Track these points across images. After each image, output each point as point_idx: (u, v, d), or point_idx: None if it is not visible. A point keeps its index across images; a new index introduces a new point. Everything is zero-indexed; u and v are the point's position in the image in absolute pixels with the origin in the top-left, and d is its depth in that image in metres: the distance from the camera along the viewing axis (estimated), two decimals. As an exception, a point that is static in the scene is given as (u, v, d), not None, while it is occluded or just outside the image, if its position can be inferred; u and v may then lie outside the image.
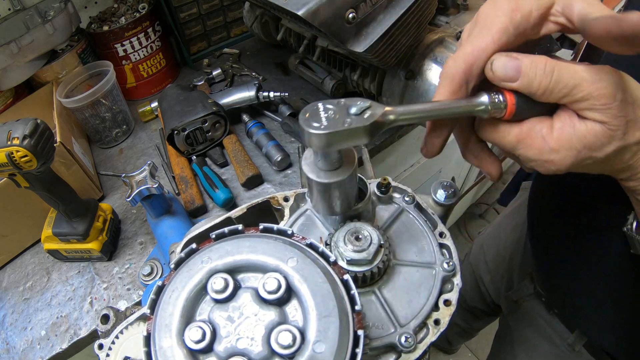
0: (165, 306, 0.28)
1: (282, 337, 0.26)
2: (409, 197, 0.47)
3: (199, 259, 0.30)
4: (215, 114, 0.88)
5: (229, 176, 0.90)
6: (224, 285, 0.28)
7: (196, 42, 1.19)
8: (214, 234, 0.33)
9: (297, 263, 0.29)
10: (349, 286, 0.30)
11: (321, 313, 0.27)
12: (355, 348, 0.28)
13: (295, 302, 0.29)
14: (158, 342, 0.27)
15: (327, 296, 0.28)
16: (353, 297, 0.30)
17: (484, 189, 2.22)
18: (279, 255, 0.30)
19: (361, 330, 0.28)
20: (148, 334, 0.28)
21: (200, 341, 0.26)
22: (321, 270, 0.30)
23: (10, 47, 0.85)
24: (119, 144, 1.02)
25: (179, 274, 0.30)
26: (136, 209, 0.86)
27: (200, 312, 0.29)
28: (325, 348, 0.26)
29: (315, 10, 0.61)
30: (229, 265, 0.30)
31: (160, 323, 0.28)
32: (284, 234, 0.33)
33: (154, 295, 0.30)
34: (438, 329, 0.40)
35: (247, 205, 0.49)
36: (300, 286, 0.28)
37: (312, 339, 0.26)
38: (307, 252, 0.31)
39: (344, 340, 0.27)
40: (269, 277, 0.28)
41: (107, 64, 0.96)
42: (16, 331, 0.71)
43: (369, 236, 0.40)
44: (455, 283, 0.42)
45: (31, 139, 0.59)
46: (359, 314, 0.29)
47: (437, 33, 0.78)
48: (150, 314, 0.29)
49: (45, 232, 0.75)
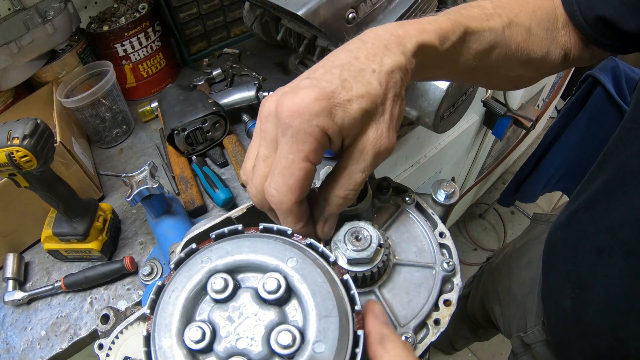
0: (165, 306, 0.28)
1: (282, 337, 0.26)
2: (409, 197, 0.47)
3: (199, 259, 0.30)
4: (215, 114, 0.88)
5: (229, 176, 0.90)
6: (224, 285, 0.28)
7: (196, 42, 1.19)
8: (213, 234, 0.33)
9: (297, 263, 0.29)
10: (348, 286, 0.30)
11: (321, 313, 0.27)
12: (355, 348, 0.28)
13: (295, 302, 0.29)
14: (158, 342, 0.27)
15: (327, 296, 0.28)
16: (353, 297, 0.30)
17: (484, 189, 2.22)
18: (279, 255, 0.30)
19: (361, 331, 0.28)
20: (148, 334, 0.28)
21: (200, 341, 0.26)
22: (321, 270, 0.30)
23: (10, 47, 0.85)
24: (119, 144, 1.02)
25: (179, 274, 0.30)
26: (136, 209, 0.86)
27: (200, 312, 0.29)
28: (325, 348, 0.26)
29: (315, 10, 0.61)
30: (229, 265, 0.30)
31: (160, 323, 0.28)
32: (283, 234, 0.33)
33: (153, 295, 0.30)
34: (438, 329, 0.40)
35: (247, 205, 0.49)
36: (300, 286, 0.28)
37: (311, 339, 0.26)
38: (307, 252, 0.31)
39: (344, 340, 0.27)
40: (269, 277, 0.28)
41: (107, 64, 0.96)
42: (16, 331, 0.71)
43: (369, 236, 0.40)
44: (455, 283, 0.42)
45: (31, 139, 0.59)
46: (358, 313, 0.29)
47: (437, 33, 0.78)
48: (150, 314, 0.29)
49: (45, 232, 0.75)
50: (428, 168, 1.31)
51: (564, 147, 1.26)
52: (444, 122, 0.82)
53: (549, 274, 0.67)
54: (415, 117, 0.85)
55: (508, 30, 0.46)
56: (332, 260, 0.31)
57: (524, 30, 0.47)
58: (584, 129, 1.18)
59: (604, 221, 0.52)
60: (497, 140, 1.65)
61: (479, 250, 2.13)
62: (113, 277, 0.74)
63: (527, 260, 0.86)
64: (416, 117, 0.85)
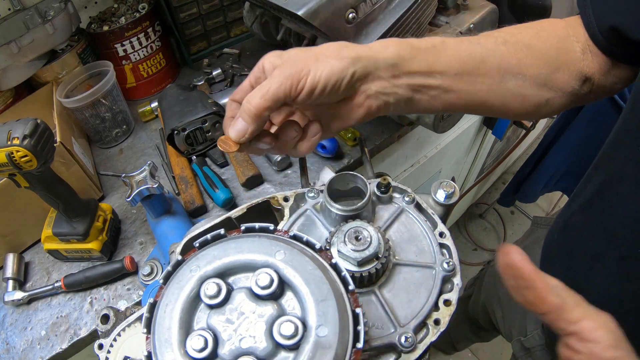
0: (161, 321, 0.28)
1: (284, 328, 0.26)
2: (409, 197, 0.47)
3: (187, 268, 0.30)
4: (215, 114, 0.88)
5: (229, 176, 0.90)
6: (217, 289, 0.28)
7: (196, 42, 1.19)
8: (197, 243, 0.32)
9: (285, 255, 0.30)
10: (338, 269, 0.31)
11: (317, 298, 0.28)
12: (356, 326, 0.28)
13: (289, 293, 0.29)
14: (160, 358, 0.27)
15: (320, 281, 0.28)
16: (344, 278, 0.30)
17: (484, 189, 2.22)
18: (266, 250, 0.30)
19: (359, 309, 0.28)
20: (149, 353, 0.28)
21: (204, 349, 0.26)
22: (309, 258, 0.30)
23: (10, 47, 0.85)
24: (119, 144, 1.02)
25: (170, 287, 0.30)
26: (136, 209, 0.86)
27: (197, 320, 0.29)
28: (328, 331, 0.26)
29: (315, 10, 0.61)
30: (219, 269, 0.30)
31: (159, 339, 0.27)
32: (266, 231, 0.33)
33: (147, 314, 0.29)
34: (438, 329, 0.40)
35: (247, 205, 0.49)
36: (292, 277, 0.29)
37: (313, 324, 0.27)
38: (292, 244, 0.31)
39: (345, 320, 0.27)
40: (260, 273, 0.28)
41: (107, 64, 0.96)
42: (16, 331, 0.71)
43: (369, 236, 0.40)
44: (455, 283, 0.42)
45: (31, 139, 0.59)
46: (353, 293, 0.29)
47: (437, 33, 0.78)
48: (148, 333, 0.28)
49: (45, 232, 0.75)
50: (428, 168, 1.31)
51: (564, 147, 1.26)
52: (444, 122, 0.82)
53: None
54: (415, 117, 0.85)
55: (504, 46, 0.47)
56: (317, 248, 0.31)
57: (523, 46, 0.48)
58: (584, 129, 1.18)
59: (599, 224, 0.51)
60: (497, 140, 1.65)
61: (479, 250, 2.13)
62: (113, 277, 0.74)
63: None
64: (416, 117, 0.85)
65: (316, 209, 0.47)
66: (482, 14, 0.86)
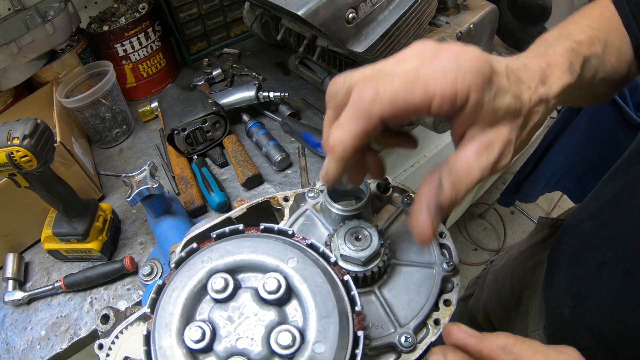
0: (165, 305, 0.28)
1: (282, 337, 0.26)
2: (408, 197, 0.47)
3: (200, 258, 0.30)
4: (215, 114, 0.88)
5: (229, 176, 0.90)
6: (224, 285, 0.28)
7: (196, 42, 1.19)
8: (214, 234, 0.33)
9: (297, 263, 0.29)
10: (349, 287, 0.30)
11: (321, 313, 0.27)
12: (355, 349, 0.28)
13: (295, 302, 0.29)
14: (158, 342, 0.27)
15: (327, 296, 0.28)
16: (353, 297, 0.30)
17: (484, 189, 2.22)
18: (279, 255, 0.30)
19: (361, 331, 0.28)
20: (148, 333, 0.28)
21: (200, 341, 0.26)
22: (321, 270, 0.30)
23: (10, 47, 0.85)
24: (119, 144, 1.02)
25: (180, 274, 0.30)
26: (136, 209, 0.86)
27: (200, 311, 0.29)
28: (324, 348, 0.26)
29: (315, 10, 0.61)
30: (230, 265, 0.30)
31: (160, 322, 0.28)
32: (284, 234, 0.33)
33: (154, 295, 0.30)
34: (438, 329, 0.40)
35: (247, 205, 0.49)
36: (300, 286, 0.28)
37: (311, 339, 0.26)
38: (307, 253, 0.31)
39: (344, 341, 0.27)
40: (269, 277, 0.28)
41: (107, 64, 0.96)
42: (16, 331, 0.71)
43: (369, 236, 0.40)
44: (455, 283, 0.42)
45: (31, 139, 0.59)
46: (359, 314, 0.29)
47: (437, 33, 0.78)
48: (150, 313, 0.29)
49: (45, 232, 0.75)
50: (428, 168, 1.30)
51: (564, 147, 1.26)
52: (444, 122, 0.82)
53: (551, 281, 0.67)
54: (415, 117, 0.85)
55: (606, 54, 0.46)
56: (332, 261, 0.31)
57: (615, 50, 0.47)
58: (584, 129, 1.18)
59: (607, 233, 0.51)
60: (497, 140, 1.65)
61: (479, 250, 2.13)
62: (113, 277, 0.74)
63: (532, 264, 0.85)
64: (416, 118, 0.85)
65: (316, 209, 0.47)
66: (482, 13, 0.86)
